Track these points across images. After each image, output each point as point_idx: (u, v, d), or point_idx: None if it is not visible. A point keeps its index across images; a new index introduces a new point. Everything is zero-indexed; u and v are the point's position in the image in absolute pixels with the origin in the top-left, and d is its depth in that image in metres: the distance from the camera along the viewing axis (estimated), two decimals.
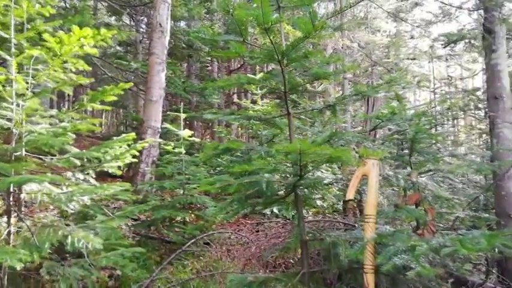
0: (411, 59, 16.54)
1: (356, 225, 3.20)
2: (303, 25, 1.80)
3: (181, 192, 5.07)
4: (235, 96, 14.71)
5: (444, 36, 5.06)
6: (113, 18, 14.89)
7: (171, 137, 6.64)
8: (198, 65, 13.42)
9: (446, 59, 21.19)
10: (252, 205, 2.19)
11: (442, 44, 6.01)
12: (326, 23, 1.76)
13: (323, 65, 2.28)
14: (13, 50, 2.66)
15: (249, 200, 2.13)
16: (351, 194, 2.11)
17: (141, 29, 12.96)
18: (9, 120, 2.57)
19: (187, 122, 11.73)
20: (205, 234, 4.19)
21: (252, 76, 2.83)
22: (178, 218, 5.13)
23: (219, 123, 11.07)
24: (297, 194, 2.27)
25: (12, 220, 2.53)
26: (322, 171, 4.15)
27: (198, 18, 10.99)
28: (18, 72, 2.64)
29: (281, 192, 2.32)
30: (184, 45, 11.07)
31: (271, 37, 1.87)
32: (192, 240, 4.02)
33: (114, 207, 5.83)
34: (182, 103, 6.99)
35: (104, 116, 23.49)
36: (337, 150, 1.79)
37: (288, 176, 2.46)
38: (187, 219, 5.32)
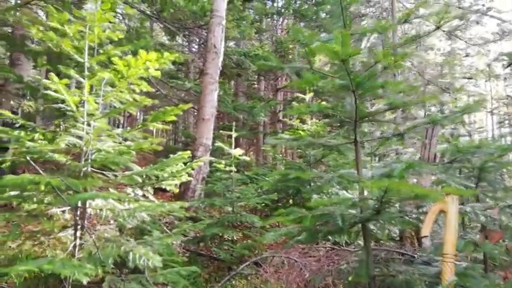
0: (467, 78, 15.74)
1: (415, 256, 3.02)
2: (381, 55, 1.75)
3: (230, 209, 5.12)
4: (281, 114, 14.76)
5: (507, 56, 4.78)
6: (166, 38, 15.65)
7: (218, 155, 6.75)
8: (245, 83, 13.68)
9: (505, 78, 19.99)
10: (319, 235, 2.11)
11: (504, 64, 5.69)
12: (407, 53, 1.70)
13: (397, 93, 2.20)
14: (86, 72, 2.86)
15: (318, 232, 2.05)
16: (426, 230, 1.97)
17: (193, 49, 13.47)
18: (80, 138, 2.73)
19: (234, 139, 11.89)
20: (258, 258, 4.16)
21: (325, 104, 2.79)
22: (227, 236, 5.15)
23: (264, 140, 11.12)
24: (366, 226, 2.17)
25: (78, 233, 2.66)
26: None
27: (248, 38, 11.25)
28: (89, 94, 2.82)
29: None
30: (233, 64, 11.36)
31: (347, 68, 1.83)
32: (246, 264, 4.01)
33: (166, 222, 5.99)
34: (233, 122, 7.12)
35: (155, 131, 24.48)
36: (425, 189, 1.69)
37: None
38: (236, 238, 5.34)
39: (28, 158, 2.41)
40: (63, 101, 2.67)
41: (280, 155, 9.25)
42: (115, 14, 3.62)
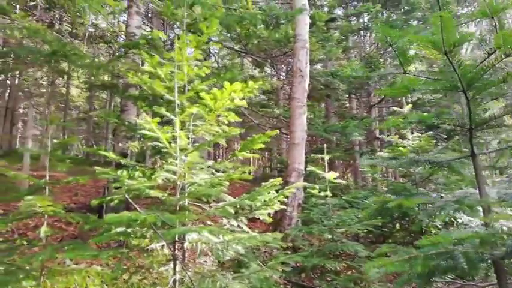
0: None
1: None
2: (500, 40, 1.39)
3: (330, 237, 4.81)
4: (377, 131, 13.95)
5: None
6: (256, 70, 16.26)
7: (313, 180, 6.53)
8: (336, 103, 13.33)
9: None
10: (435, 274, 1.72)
11: None
12: None
13: None
14: (177, 109, 2.97)
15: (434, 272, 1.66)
16: None
17: (282, 76, 13.70)
18: (174, 173, 2.81)
19: (329, 162, 11.54)
20: None
21: (426, 113, 2.44)
22: (329, 267, 4.83)
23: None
24: (499, 262, 1.71)
25: (177, 268, 2.69)
26: None
27: (334, 58, 11.02)
28: (181, 129, 2.92)
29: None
30: (321, 86, 11.17)
31: (453, 61, 1.52)
32: None
33: (265, 251, 5.91)
34: (325, 144, 6.88)
35: (251, 159, 25.26)
36: None
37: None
38: (338, 268, 4.97)
39: (127, 196, 2.53)
40: (157, 139, 2.79)
41: (380, 176, 8.61)
42: (204, 52, 3.80)
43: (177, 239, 2.74)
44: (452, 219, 4.79)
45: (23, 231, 6.00)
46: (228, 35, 8.15)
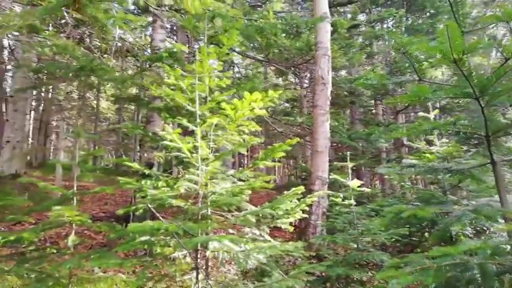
0: None
1: None
2: None
3: (355, 246, 4.71)
4: (404, 137, 13.61)
5: None
6: (280, 79, 16.31)
7: (337, 188, 6.42)
8: (361, 110, 13.15)
9: None
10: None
11: None
12: None
13: None
14: (198, 120, 3.03)
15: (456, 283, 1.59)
16: None
17: (305, 85, 13.68)
18: (196, 183, 2.86)
19: (354, 169, 11.36)
20: None
21: (439, 121, 2.40)
22: (355, 277, 4.72)
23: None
24: None
25: (200, 277, 2.72)
26: None
27: (358, 64, 10.91)
28: (202, 139, 2.97)
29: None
30: (346, 92, 11.05)
31: (463, 69, 1.49)
32: None
33: (289, 261, 5.86)
34: (348, 152, 6.78)
35: (276, 167, 25.23)
36: None
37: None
38: (364, 278, 4.86)
39: (150, 205, 2.59)
40: (179, 149, 2.85)
41: (409, 183, 8.37)
42: (227, 62, 3.86)
43: (199, 247, 2.78)
44: (484, 228, 4.60)
45: (55, 239, 6.23)
46: (251, 45, 8.26)
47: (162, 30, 6.48)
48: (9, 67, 12.81)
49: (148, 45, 8.26)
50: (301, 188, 3.08)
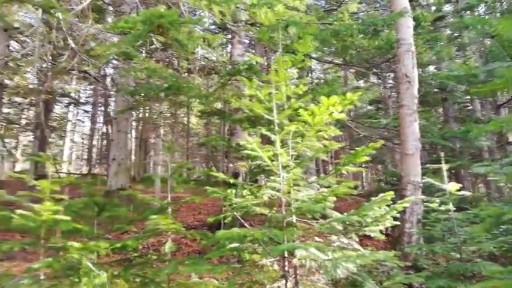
0: None
1: None
2: None
3: (458, 256, 4.28)
4: (510, 134, 12.04)
5: None
6: (362, 81, 15.76)
7: (432, 193, 5.91)
8: (455, 107, 12.02)
9: None
10: None
11: None
12: None
13: None
14: (276, 128, 3.08)
15: None
16: None
17: (389, 84, 13.02)
18: (278, 190, 2.89)
19: (453, 172, 10.38)
20: None
21: None
22: None
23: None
24: None
25: (289, 285, 2.72)
26: None
27: (448, 58, 10.03)
28: (281, 147, 3.00)
29: None
30: (436, 89, 10.21)
31: None
32: None
33: (382, 271, 5.55)
34: (442, 153, 6.23)
35: (363, 173, 24.28)
36: None
37: None
38: None
39: (236, 213, 2.69)
40: (260, 158, 2.92)
41: None
42: (303, 69, 3.87)
43: (286, 255, 2.79)
44: None
45: (157, 247, 6.79)
46: (328, 49, 8.14)
47: (240, 45, 6.75)
48: (111, 92, 14.53)
49: (229, 61, 8.67)
50: (391, 194, 2.91)
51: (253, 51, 12.10)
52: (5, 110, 17.54)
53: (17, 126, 19.91)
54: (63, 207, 2.67)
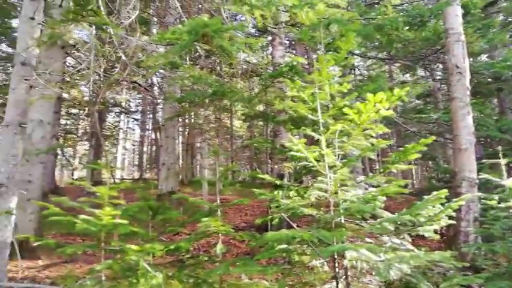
0: None
1: None
2: None
3: None
4: None
5: None
6: (407, 75, 15.14)
7: (491, 189, 5.54)
8: (511, 97, 11.20)
9: None
10: None
11: None
12: None
13: None
14: (321, 128, 3.05)
15: None
16: None
17: (438, 77, 12.41)
18: (325, 191, 2.87)
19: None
20: None
21: None
22: None
23: None
24: None
25: (340, 286, 2.69)
26: None
27: (502, 45, 9.39)
28: (327, 147, 2.97)
29: None
30: (489, 79, 9.59)
31: None
32: None
33: (438, 273, 5.31)
34: (500, 146, 5.85)
35: (413, 171, 23.31)
36: None
37: None
38: None
39: (284, 214, 2.71)
40: (306, 159, 2.92)
41: None
42: (346, 66, 3.83)
43: (336, 256, 2.76)
44: None
45: (207, 248, 6.97)
46: (371, 45, 7.91)
47: (281, 46, 6.77)
48: (159, 100, 15.15)
49: (270, 63, 8.71)
50: (445, 192, 2.79)
51: (294, 51, 12.07)
52: (63, 122, 18.89)
53: (74, 136, 21.33)
54: (121, 211, 2.84)
